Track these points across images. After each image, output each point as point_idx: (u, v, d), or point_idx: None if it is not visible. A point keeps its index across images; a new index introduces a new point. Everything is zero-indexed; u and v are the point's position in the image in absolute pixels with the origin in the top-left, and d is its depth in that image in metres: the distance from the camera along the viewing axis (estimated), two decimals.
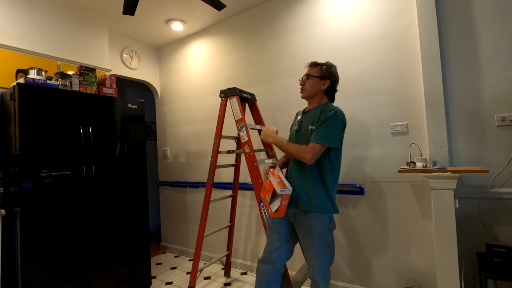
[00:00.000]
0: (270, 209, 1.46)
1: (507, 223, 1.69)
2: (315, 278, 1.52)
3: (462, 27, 1.82)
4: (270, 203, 1.47)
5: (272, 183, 1.46)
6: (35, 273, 1.76)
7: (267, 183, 1.53)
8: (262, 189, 1.58)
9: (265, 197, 1.52)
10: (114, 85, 2.33)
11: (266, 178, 1.56)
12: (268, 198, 1.47)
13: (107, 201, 2.16)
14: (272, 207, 1.45)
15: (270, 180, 1.49)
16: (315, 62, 1.67)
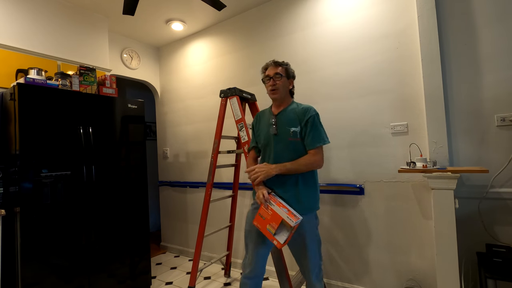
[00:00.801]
0: (276, 241, 1.37)
1: (507, 223, 1.69)
2: (310, 279, 1.51)
3: (462, 27, 1.82)
4: (275, 234, 1.38)
5: (279, 213, 1.38)
6: (35, 273, 1.76)
7: (267, 213, 1.42)
8: (259, 219, 1.44)
9: (265, 228, 1.41)
10: (114, 85, 2.33)
11: (266, 207, 1.43)
12: (273, 230, 1.39)
13: (107, 201, 2.16)
14: (280, 238, 1.37)
15: (273, 210, 1.40)
16: (279, 61, 1.63)
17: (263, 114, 1.68)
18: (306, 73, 2.41)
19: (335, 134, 2.26)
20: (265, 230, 1.41)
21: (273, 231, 1.39)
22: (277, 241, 1.38)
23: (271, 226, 1.40)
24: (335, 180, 2.26)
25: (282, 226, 1.37)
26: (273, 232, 1.39)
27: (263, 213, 1.44)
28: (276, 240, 1.38)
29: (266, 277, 2.61)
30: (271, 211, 1.41)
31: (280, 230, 1.38)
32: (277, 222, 1.38)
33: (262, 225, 1.43)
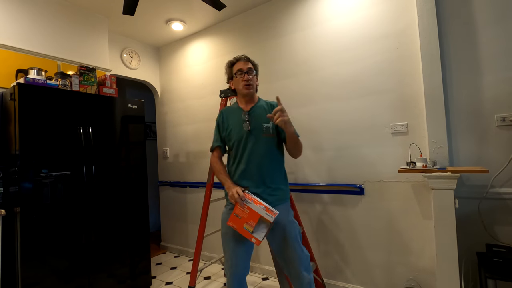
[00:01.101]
0: (255, 238, 1.35)
1: (507, 223, 1.69)
2: (299, 271, 1.46)
3: (462, 27, 1.82)
4: (253, 232, 1.35)
5: (257, 211, 1.36)
6: (35, 273, 1.76)
7: (244, 212, 1.38)
8: (235, 219, 1.38)
9: (241, 227, 1.37)
10: (114, 85, 2.33)
11: (241, 206, 1.39)
12: (251, 228, 1.36)
13: (107, 201, 2.16)
14: (258, 235, 1.35)
15: (250, 208, 1.37)
16: (249, 57, 1.64)
17: (229, 111, 1.61)
18: (306, 73, 2.41)
19: (335, 134, 2.26)
20: (242, 230, 1.37)
21: (251, 230, 1.36)
22: (255, 239, 1.35)
23: (249, 225, 1.37)
24: (335, 180, 2.26)
25: (260, 222, 1.36)
26: (251, 230, 1.36)
27: (239, 213, 1.39)
28: (255, 238, 1.35)
29: (266, 277, 2.61)
30: (248, 210, 1.38)
31: (258, 227, 1.36)
32: (255, 220, 1.36)
33: (238, 225, 1.38)
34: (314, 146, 2.36)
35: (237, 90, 1.60)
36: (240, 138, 1.52)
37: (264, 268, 2.66)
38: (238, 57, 1.62)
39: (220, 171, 1.53)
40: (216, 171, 1.54)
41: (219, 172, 1.53)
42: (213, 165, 1.58)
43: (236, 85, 1.59)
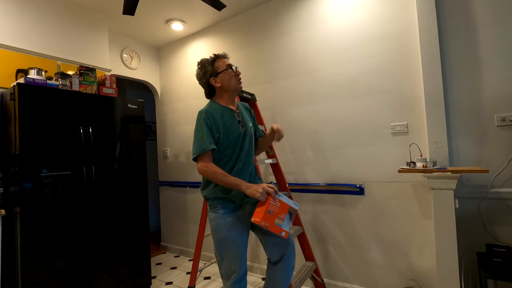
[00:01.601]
0: (284, 231, 1.32)
1: (507, 223, 1.69)
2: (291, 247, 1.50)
3: (462, 27, 1.82)
4: (282, 225, 1.32)
5: (286, 202, 1.35)
6: (35, 273, 1.75)
7: (276, 207, 1.33)
8: (268, 216, 1.32)
9: (273, 223, 1.32)
10: (114, 85, 2.33)
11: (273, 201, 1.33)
12: (281, 222, 1.33)
13: (107, 201, 2.16)
14: (286, 228, 1.33)
15: (281, 201, 1.35)
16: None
17: (216, 111, 1.47)
18: (306, 73, 2.41)
19: (335, 134, 2.26)
20: (273, 226, 1.32)
21: (281, 224, 1.33)
22: (285, 231, 1.33)
23: (280, 219, 1.33)
24: (335, 180, 2.26)
25: (290, 214, 1.37)
26: (281, 224, 1.33)
27: (272, 208, 1.32)
28: (284, 231, 1.33)
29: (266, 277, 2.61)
30: (280, 203, 1.34)
31: (286, 220, 1.36)
32: (285, 212, 1.34)
33: (270, 222, 1.31)
34: (314, 146, 2.36)
35: (227, 87, 1.50)
36: (237, 139, 1.48)
37: (264, 268, 2.66)
38: (219, 55, 1.55)
39: (227, 174, 1.39)
40: (222, 174, 1.37)
41: (226, 175, 1.38)
42: (215, 170, 1.38)
43: (226, 82, 1.49)
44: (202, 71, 1.51)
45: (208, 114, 1.44)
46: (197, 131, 1.42)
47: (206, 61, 1.52)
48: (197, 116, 1.46)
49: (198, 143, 1.40)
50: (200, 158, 1.39)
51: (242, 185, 1.35)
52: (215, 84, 1.50)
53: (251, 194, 1.33)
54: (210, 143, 1.40)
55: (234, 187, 1.36)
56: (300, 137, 2.44)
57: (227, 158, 1.48)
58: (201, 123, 1.42)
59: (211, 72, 1.49)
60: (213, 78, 1.49)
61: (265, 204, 1.33)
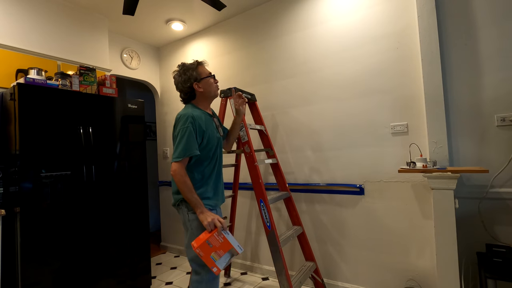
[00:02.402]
0: (216, 268, 1.33)
1: (507, 223, 1.69)
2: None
3: (462, 27, 1.82)
4: (217, 261, 1.34)
5: (231, 241, 1.36)
6: (35, 273, 1.75)
7: (218, 241, 1.34)
8: (206, 247, 1.32)
9: (208, 255, 1.33)
10: (114, 85, 2.33)
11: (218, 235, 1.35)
12: (218, 257, 1.34)
13: (107, 201, 2.16)
14: (221, 265, 1.34)
15: (225, 238, 1.36)
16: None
17: (198, 116, 1.48)
18: (306, 73, 2.41)
19: (335, 134, 2.26)
20: (207, 258, 1.33)
21: (217, 259, 1.34)
22: (217, 268, 1.34)
23: (217, 254, 1.34)
24: (335, 180, 2.26)
25: (227, 253, 1.37)
26: (216, 260, 1.34)
27: (213, 241, 1.34)
28: (217, 267, 1.33)
29: (266, 277, 2.62)
30: (223, 239, 1.35)
31: (222, 257, 1.36)
32: (226, 250, 1.35)
33: (206, 252, 1.32)
34: (314, 146, 2.36)
35: (207, 93, 1.56)
36: (217, 143, 1.56)
37: (264, 268, 2.66)
38: (201, 61, 1.61)
39: (193, 188, 1.41)
40: (189, 187, 1.40)
41: (192, 191, 1.40)
42: (184, 180, 1.39)
43: (208, 88, 1.55)
44: (186, 75, 1.53)
45: (195, 118, 1.45)
46: (182, 134, 1.41)
47: (190, 66, 1.55)
48: (180, 118, 1.46)
49: (184, 147, 1.40)
50: (180, 161, 1.41)
51: (199, 208, 1.41)
52: (197, 89, 1.53)
53: (201, 219, 1.39)
54: (195, 149, 1.42)
55: (192, 205, 1.42)
56: (300, 137, 2.44)
57: (207, 162, 1.52)
58: (187, 127, 1.42)
59: (195, 77, 1.53)
60: (197, 83, 1.53)
61: (208, 234, 1.35)
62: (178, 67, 1.58)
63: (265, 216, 1.87)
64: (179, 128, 1.44)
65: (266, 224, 1.86)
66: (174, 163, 1.41)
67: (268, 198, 1.93)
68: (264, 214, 1.87)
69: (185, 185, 1.39)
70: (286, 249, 2.50)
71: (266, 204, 1.87)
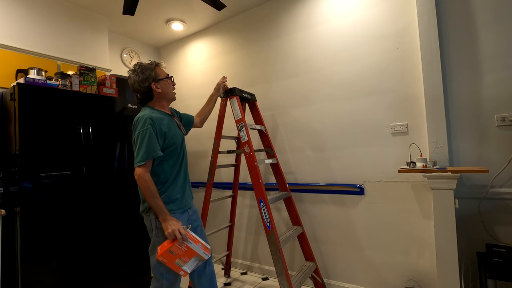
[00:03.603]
0: (183, 271, 1.35)
1: (507, 223, 1.69)
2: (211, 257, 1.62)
3: (462, 27, 1.82)
4: (183, 266, 1.36)
5: (195, 250, 1.36)
6: (35, 273, 1.75)
7: (180, 250, 1.34)
8: (168, 255, 1.32)
9: (173, 262, 1.34)
10: (114, 85, 2.33)
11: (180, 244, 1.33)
12: (183, 263, 1.35)
13: (107, 201, 2.16)
14: (188, 268, 1.36)
15: (189, 247, 1.35)
16: None
17: (156, 117, 1.45)
18: (306, 73, 2.41)
19: (335, 134, 2.26)
20: (172, 264, 1.34)
21: (182, 265, 1.35)
22: (184, 271, 1.35)
23: (182, 261, 1.35)
24: (335, 180, 2.26)
25: (193, 258, 1.37)
26: (182, 265, 1.35)
27: (175, 250, 1.33)
28: (183, 271, 1.35)
29: (266, 277, 2.61)
30: (186, 248, 1.35)
31: (189, 262, 1.37)
32: (190, 257, 1.36)
33: (169, 260, 1.33)
34: (314, 146, 2.36)
35: (165, 94, 1.55)
36: (181, 143, 1.55)
37: (264, 268, 2.66)
38: (158, 62, 1.59)
39: (157, 194, 1.38)
40: (153, 192, 1.37)
41: (156, 196, 1.37)
42: (148, 186, 1.37)
43: (165, 89, 1.54)
44: (145, 75, 1.49)
45: (154, 120, 1.42)
46: (142, 137, 1.38)
47: (148, 66, 1.53)
48: (138, 121, 1.42)
49: (147, 149, 1.37)
50: (144, 165, 1.38)
51: (161, 215, 1.37)
52: (156, 89, 1.50)
53: (163, 227, 1.36)
54: (158, 150, 1.40)
55: (155, 211, 1.38)
56: (300, 137, 2.44)
57: (173, 162, 1.51)
58: (146, 129, 1.38)
59: (154, 77, 1.51)
60: (155, 83, 1.50)
61: (170, 243, 1.33)
62: (134, 66, 1.54)
63: (265, 216, 1.87)
64: (138, 131, 1.40)
65: (266, 224, 1.86)
66: (138, 168, 1.38)
67: (268, 198, 1.92)
68: (264, 214, 1.87)
69: (149, 191, 1.37)
70: (286, 249, 2.50)
71: (266, 204, 1.87)
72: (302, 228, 2.19)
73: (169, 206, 1.44)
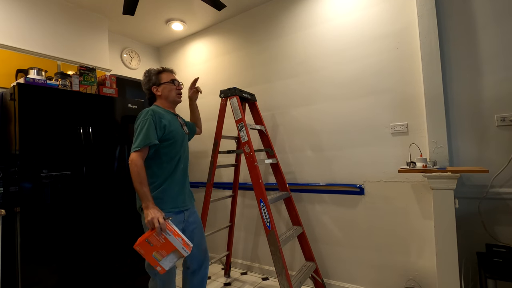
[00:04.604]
0: (160, 267, 1.32)
1: (507, 223, 1.69)
2: (208, 256, 1.76)
3: (462, 27, 1.82)
4: (160, 261, 1.32)
5: (173, 243, 1.32)
6: (35, 273, 1.75)
7: (158, 241, 1.31)
8: (145, 245, 1.30)
9: (150, 254, 1.31)
10: (114, 85, 2.33)
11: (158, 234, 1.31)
12: (160, 257, 1.32)
13: (107, 201, 2.16)
14: (165, 265, 1.32)
15: (167, 239, 1.32)
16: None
17: (159, 112, 1.55)
18: (306, 73, 2.41)
19: (335, 134, 2.26)
20: (149, 257, 1.31)
21: (160, 259, 1.32)
22: (161, 267, 1.32)
23: (159, 254, 1.32)
24: (335, 180, 2.26)
25: (172, 253, 1.33)
26: (159, 259, 1.32)
27: (152, 240, 1.31)
28: (160, 266, 1.32)
29: (266, 277, 2.61)
30: (164, 240, 1.32)
31: (167, 257, 1.33)
32: (168, 251, 1.32)
33: (146, 251, 1.31)
34: (314, 146, 2.36)
35: (166, 97, 1.66)
36: (182, 139, 1.63)
37: (264, 268, 2.66)
38: (166, 68, 1.70)
39: (145, 181, 1.41)
40: (142, 179, 1.40)
41: (144, 183, 1.40)
42: (138, 171, 1.40)
43: (166, 92, 1.65)
44: (147, 78, 1.65)
45: (155, 112, 1.53)
46: (142, 126, 1.47)
47: (153, 72, 1.67)
48: (141, 113, 1.53)
49: (144, 136, 1.45)
50: (139, 150, 1.44)
51: (145, 202, 1.39)
52: (156, 92, 1.65)
53: (144, 214, 1.37)
54: (154, 138, 1.47)
55: (140, 196, 1.40)
56: (300, 137, 2.44)
57: (172, 155, 1.56)
58: (147, 119, 1.48)
59: (154, 82, 1.64)
60: (155, 87, 1.64)
61: (149, 233, 1.32)
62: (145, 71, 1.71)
63: (265, 216, 1.87)
64: (138, 122, 1.50)
65: (266, 224, 1.86)
66: (133, 153, 1.44)
67: (268, 198, 1.93)
68: (264, 214, 1.87)
69: (138, 176, 1.40)
70: (286, 249, 2.50)
71: (266, 204, 1.87)
72: (302, 228, 2.19)
73: (163, 205, 1.47)
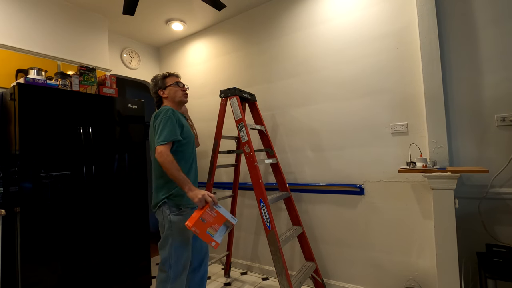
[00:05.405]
0: (214, 242, 1.38)
1: (507, 223, 1.69)
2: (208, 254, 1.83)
3: (462, 27, 1.82)
4: (214, 236, 1.39)
5: (224, 214, 1.42)
6: (35, 273, 1.75)
7: (211, 216, 1.40)
8: (200, 223, 1.37)
9: (205, 231, 1.37)
10: (114, 85, 2.33)
11: (210, 210, 1.40)
12: (214, 232, 1.39)
13: (107, 201, 2.16)
14: (218, 239, 1.39)
15: (218, 212, 1.42)
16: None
17: (176, 112, 1.63)
18: (306, 73, 2.41)
19: (335, 134, 2.26)
20: (204, 234, 1.37)
21: (213, 234, 1.39)
22: (215, 242, 1.39)
23: (213, 229, 1.40)
24: (335, 180, 2.26)
25: (225, 226, 1.44)
26: (213, 234, 1.39)
27: (206, 217, 1.38)
28: (215, 241, 1.39)
29: (266, 277, 2.61)
30: (216, 213, 1.41)
31: (218, 231, 1.41)
32: (220, 223, 1.41)
33: (201, 229, 1.37)
34: (314, 146, 2.36)
35: (174, 98, 1.71)
36: (193, 142, 1.70)
37: (264, 268, 2.66)
38: (171, 73, 1.77)
39: (181, 169, 1.47)
40: (177, 168, 1.45)
41: (180, 169, 1.46)
42: (171, 160, 1.46)
43: (173, 94, 1.71)
44: (154, 83, 1.75)
45: (175, 111, 1.61)
46: (166, 121, 1.53)
47: (160, 77, 1.75)
48: (160, 111, 1.58)
49: (170, 131, 1.52)
50: (166, 144, 1.50)
51: (187, 186, 1.45)
52: (162, 95, 1.72)
53: (191, 197, 1.43)
54: (179, 135, 1.57)
55: (180, 183, 1.45)
56: (300, 137, 2.44)
57: (188, 155, 1.64)
58: (169, 116, 1.55)
59: (160, 85, 1.73)
60: (162, 90, 1.72)
61: (201, 211, 1.39)
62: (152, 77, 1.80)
63: (265, 216, 1.87)
64: (160, 118, 1.55)
65: (266, 224, 1.86)
66: (160, 145, 1.48)
67: (268, 198, 1.93)
68: (264, 214, 1.87)
69: (173, 164, 1.45)
70: (286, 249, 2.50)
71: (266, 204, 1.87)
72: (302, 228, 2.20)
73: (184, 201, 1.56)
